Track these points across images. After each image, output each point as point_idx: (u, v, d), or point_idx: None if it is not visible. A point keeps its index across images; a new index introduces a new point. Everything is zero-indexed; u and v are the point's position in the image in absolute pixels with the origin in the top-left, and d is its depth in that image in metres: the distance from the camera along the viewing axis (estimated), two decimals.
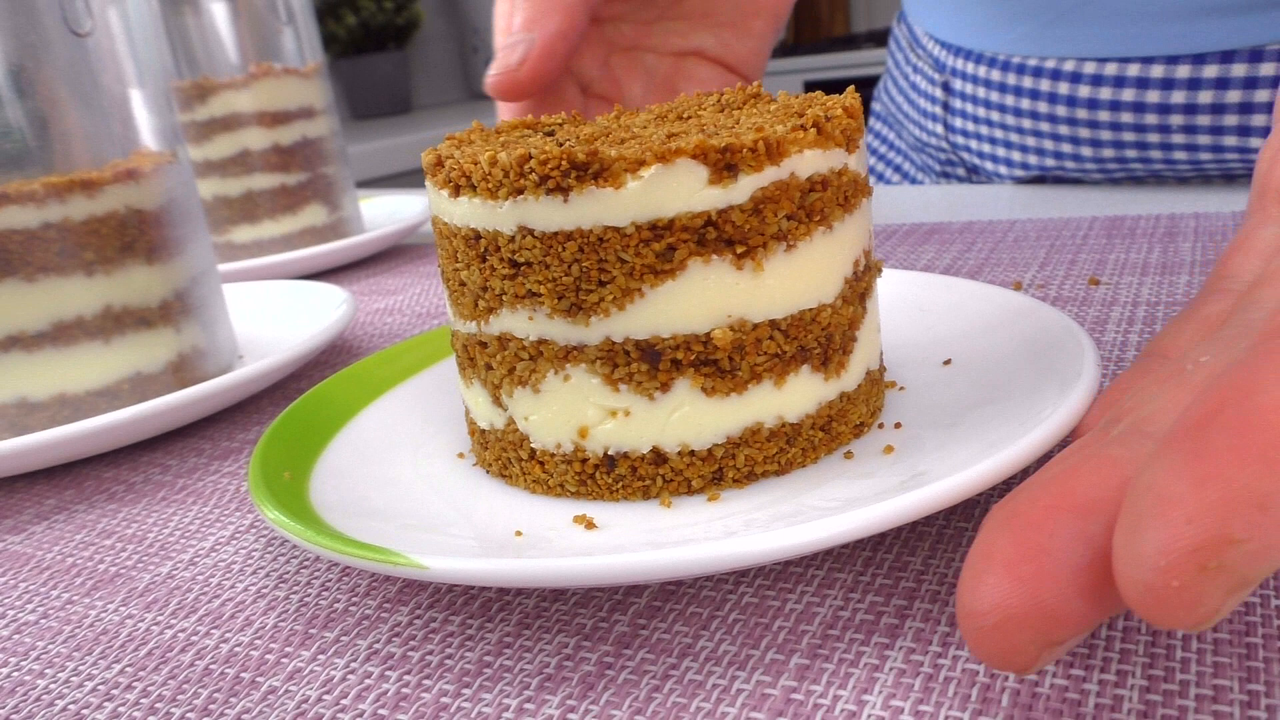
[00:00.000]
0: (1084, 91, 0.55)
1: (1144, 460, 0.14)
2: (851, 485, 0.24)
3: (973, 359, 0.29)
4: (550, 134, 0.27)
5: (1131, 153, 0.55)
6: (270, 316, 0.46)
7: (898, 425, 0.27)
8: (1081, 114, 0.55)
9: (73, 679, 0.23)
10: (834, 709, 0.18)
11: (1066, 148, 0.58)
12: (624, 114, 0.29)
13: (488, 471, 0.28)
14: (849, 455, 0.26)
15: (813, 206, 0.24)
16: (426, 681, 0.21)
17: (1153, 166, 0.55)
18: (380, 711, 0.20)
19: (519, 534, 0.24)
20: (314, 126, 0.62)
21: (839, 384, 0.26)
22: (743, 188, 0.23)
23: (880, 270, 0.28)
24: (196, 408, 0.35)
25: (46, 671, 0.23)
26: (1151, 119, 0.52)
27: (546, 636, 0.22)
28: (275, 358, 0.36)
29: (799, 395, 0.25)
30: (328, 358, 0.44)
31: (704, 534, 0.23)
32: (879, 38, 2.05)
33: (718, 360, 0.24)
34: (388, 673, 0.21)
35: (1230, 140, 0.51)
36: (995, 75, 0.59)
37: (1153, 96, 0.52)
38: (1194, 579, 0.12)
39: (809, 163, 0.24)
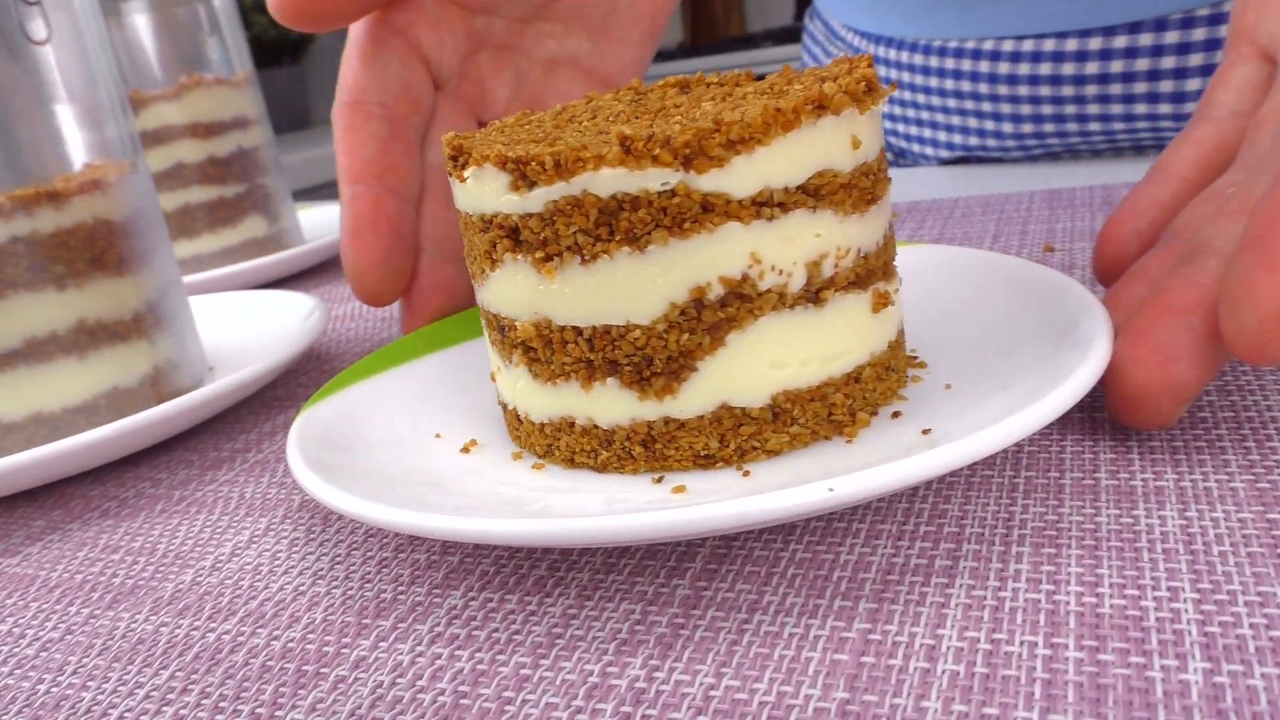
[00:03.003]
0: (1004, 69, 0.57)
1: (1222, 267, 0.22)
2: (597, 501, 0.24)
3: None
4: (687, 90, 0.29)
5: (1049, 126, 0.58)
6: (231, 326, 0.45)
7: (746, 473, 0.24)
8: (1002, 90, 0.58)
9: (120, 689, 0.22)
10: (913, 644, 0.19)
11: (989, 125, 0.61)
12: (736, 84, 0.28)
13: None
14: (658, 480, 0.25)
15: (617, 225, 0.23)
16: (500, 656, 0.21)
17: (1069, 140, 0.58)
18: (461, 688, 0.20)
19: (438, 435, 0.29)
20: (249, 136, 0.61)
21: (662, 407, 0.24)
22: (536, 198, 0.24)
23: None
24: (181, 419, 0.35)
25: (89, 684, 0.23)
26: (1068, 90, 0.55)
27: (610, 606, 0.22)
28: (258, 365, 0.36)
29: (606, 404, 0.25)
30: (301, 365, 0.43)
31: (471, 491, 0.25)
32: (776, 36, 2.10)
33: (535, 349, 0.26)
34: (458, 652, 0.21)
35: (1140, 108, 0.54)
36: (919, 60, 0.62)
37: (1068, 69, 0.55)
38: None
39: (608, 181, 0.23)
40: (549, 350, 0.25)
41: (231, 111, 0.60)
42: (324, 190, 1.77)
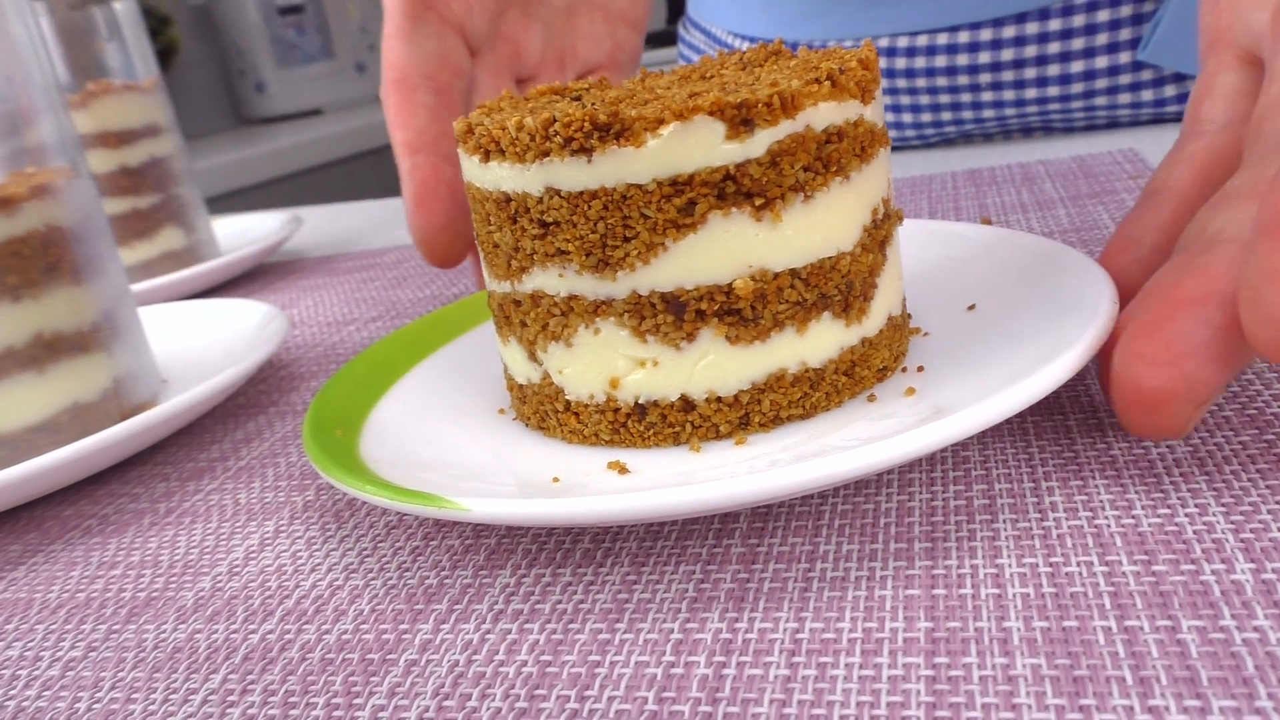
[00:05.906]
0: (900, 64, 0.60)
1: (1237, 254, 0.20)
2: (874, 425, 0.24)
3: (994, 300, 0.29)
4: (577, 99, 0.28)
5: (947, 115, 0.62)
6: (176, 338, 0.44)
7: (920, 369, 0.27)
8: (901, 84, 0.61)
9: (171, 697, 0.22)
10: (977, 574, 0.20)
11: (889, 117, 0.64)
12: (648, 78, 0.29)
13: (526, 425, 0.29)
14: (872, 398, 0.26)
15: (829, 157, 0.25)
16: (573, 625, 0.21)
17: (965, 127, 0.62)
18: (543, 657, 0.20)
19: (556, 480, 0.25)
20: (161, 145, 0.59)
21: (860, 329, 0.26)
22: (759, 141, 0.24)
23: (901, 219, 0.28)
24: (154, 431, 0.33)
25: (134, 696, 0.22)
26: (963, 80, 0.59)
27: (668, 569, 0.23)
28: (229, 372, 0.35)
29: (821, 341, 0.26)
30: (260, 372, 0.42)
31: (731, 473, 0.24)
32: (656, 39, 2.12)
33: (740, 310, 0.25)
34: (527, 625, 0.21)
35: (1030, 93, 0.58)
36: None
37: (962, 60, 0.59)
38: None
39: (824, 115, 0.24)
40: (761, 304, 0.25)
41: (142, 119, 0.57)
42: (211, 203, 1.71)
